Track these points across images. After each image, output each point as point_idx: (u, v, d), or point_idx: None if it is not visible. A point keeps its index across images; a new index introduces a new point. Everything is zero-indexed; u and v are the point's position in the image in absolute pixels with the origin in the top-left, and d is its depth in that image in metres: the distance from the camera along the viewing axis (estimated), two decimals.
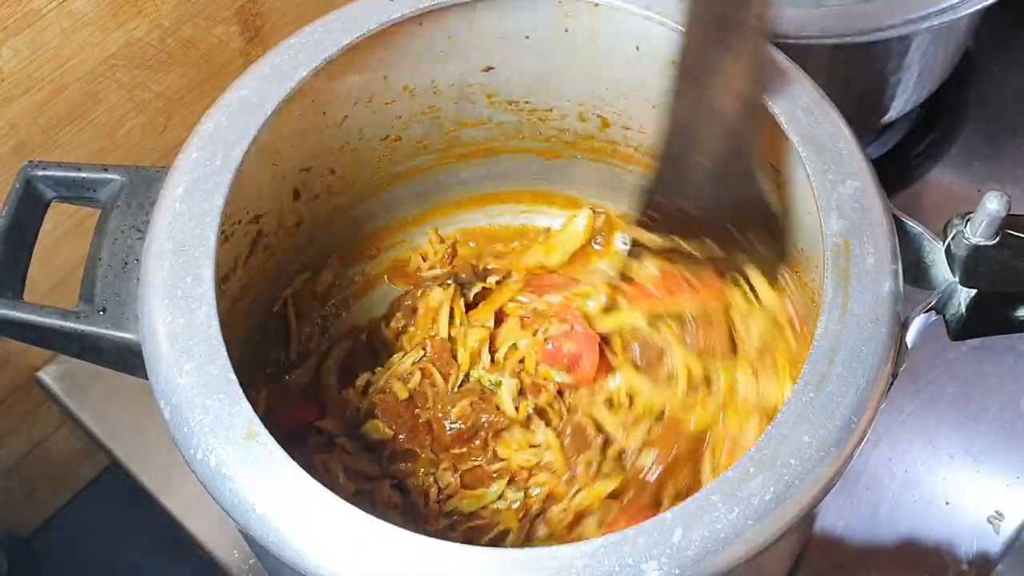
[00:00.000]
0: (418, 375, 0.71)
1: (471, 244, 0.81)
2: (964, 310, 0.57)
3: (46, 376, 0.87)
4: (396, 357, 0.72)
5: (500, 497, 0.68)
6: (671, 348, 0.68)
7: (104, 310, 0.55)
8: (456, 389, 0.71)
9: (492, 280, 0.77)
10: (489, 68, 0.70)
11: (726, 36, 0.54)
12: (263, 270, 0.68)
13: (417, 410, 0.70)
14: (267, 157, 0.63)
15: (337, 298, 0.77)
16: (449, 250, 0.80)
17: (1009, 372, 0.84)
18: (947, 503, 0.78)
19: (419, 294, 0.75)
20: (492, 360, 0.72)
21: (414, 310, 0.74)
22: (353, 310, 0.78)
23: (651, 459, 0.65)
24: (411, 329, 0.74)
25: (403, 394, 0.70)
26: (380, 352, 0.74)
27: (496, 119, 0.74)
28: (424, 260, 0.79)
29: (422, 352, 0.72)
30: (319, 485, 0.48)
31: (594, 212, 0.78)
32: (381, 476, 0.68)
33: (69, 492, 0.99)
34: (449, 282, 0.75)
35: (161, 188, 0.57)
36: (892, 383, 0.53)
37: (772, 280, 0.64)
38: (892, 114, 0.88)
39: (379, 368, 0.72)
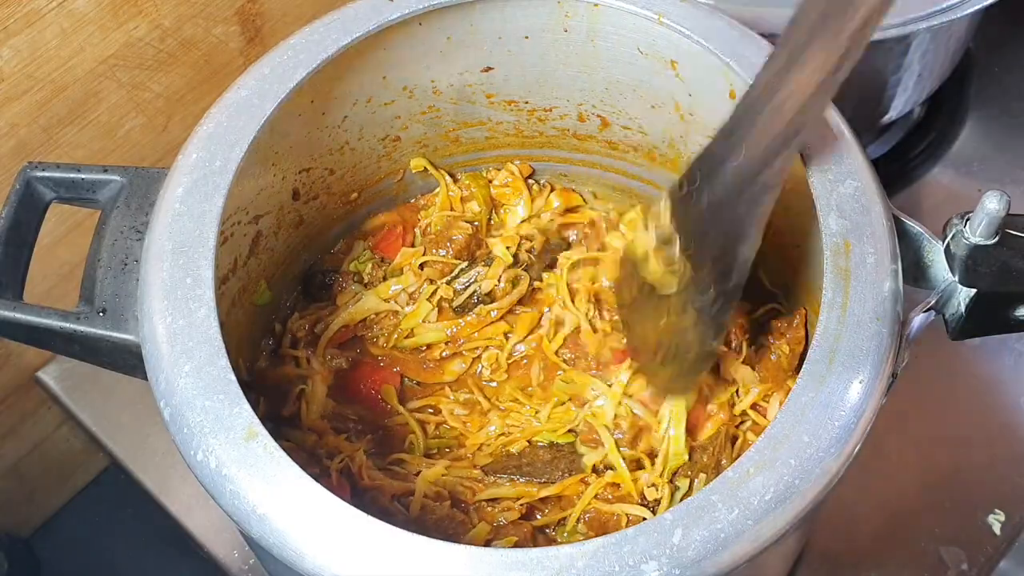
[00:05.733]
0: None
1: None
2: (964, 310, 0.57)
3: (46, 376, 0.87)
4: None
5: None
6: None
7: (104, 311, 0.55)
8: None
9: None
10: (489, 68, 0.70)
11: (823, 32, 0.49)
12: (263, 270, 0.68)
13: None
14: (267, 157, 0.63)
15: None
16: None
17: (1009, 372, 0.84)
18: (947, 503, 0.78)
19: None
20: None
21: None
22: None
23: None
24: None
25: None
26: None
27: (496, 119, 0.74)
28: None
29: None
30: (319, 485, 0.48)
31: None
32: None
33: (69, 492, 0.99)
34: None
35: (161, 189, 0.57)
36: (892, 383, 0.53)
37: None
38: (892, 114, 0.88)
39: None
